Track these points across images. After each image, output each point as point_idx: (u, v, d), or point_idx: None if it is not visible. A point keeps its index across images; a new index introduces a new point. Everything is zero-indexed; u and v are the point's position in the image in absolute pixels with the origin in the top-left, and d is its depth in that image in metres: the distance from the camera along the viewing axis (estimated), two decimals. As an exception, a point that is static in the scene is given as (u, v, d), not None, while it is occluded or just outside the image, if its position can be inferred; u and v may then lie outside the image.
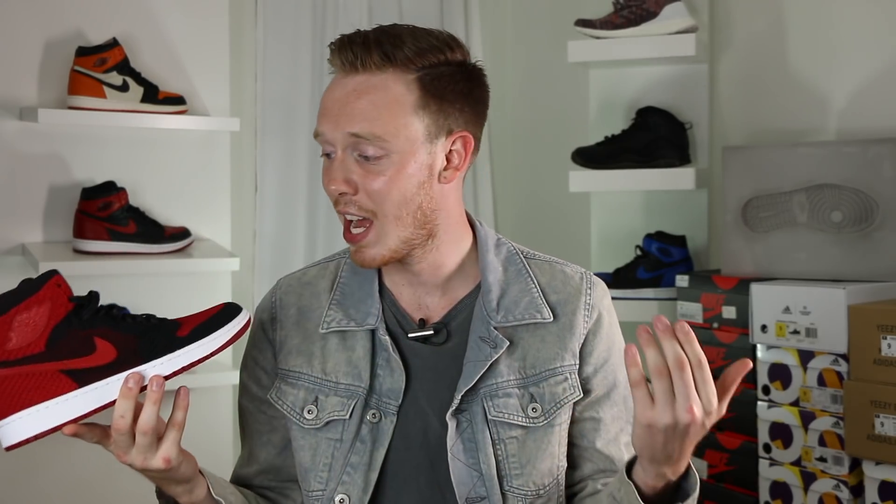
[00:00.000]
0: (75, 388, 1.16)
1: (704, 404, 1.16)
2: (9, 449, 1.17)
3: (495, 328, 1.36)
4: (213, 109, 2.77)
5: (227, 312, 1.26)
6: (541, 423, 1.36)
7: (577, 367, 1.40)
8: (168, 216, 2.71)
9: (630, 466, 1.26)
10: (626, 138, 2.77)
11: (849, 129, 2.64)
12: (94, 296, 1.21)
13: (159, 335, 1.21)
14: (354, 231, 1.33)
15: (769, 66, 2.80)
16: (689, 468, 1.26)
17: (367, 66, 1.30)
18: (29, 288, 1.16)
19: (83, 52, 2.51)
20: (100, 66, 2.51)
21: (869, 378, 2.17)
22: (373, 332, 1.38)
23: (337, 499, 1.35)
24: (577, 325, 1.40)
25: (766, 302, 2.36)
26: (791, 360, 2.32)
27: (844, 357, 2.23)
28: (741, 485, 2.46)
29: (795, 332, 2.30)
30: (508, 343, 1.36)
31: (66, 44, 2.56)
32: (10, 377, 1.14)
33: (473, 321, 1.38)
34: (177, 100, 2.62)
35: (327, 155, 1.35)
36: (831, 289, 2.27)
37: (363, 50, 1.30)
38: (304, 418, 1.38)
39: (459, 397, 1.34)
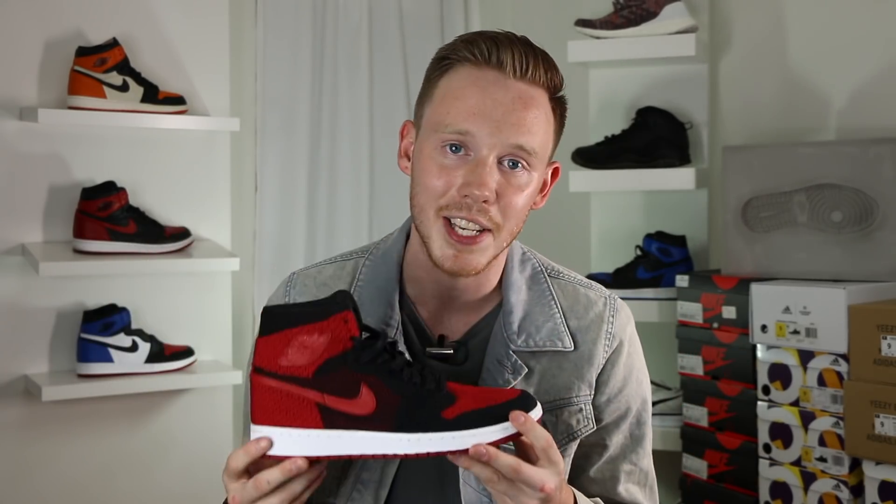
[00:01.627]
0: (320, 428, 1.13)
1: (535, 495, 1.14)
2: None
3: (514, 352, 1.32)
4: (213, 109, 2.77)
5: (518, 404, 1.14)
6: None
7: (592, 396, 1.37)
8: (168, 216, 2.71)
9: None
10: (626, 138, 2.77)
11: (849, 129, 2.64)
12: (378, 338, 1.16)
13: (425, 407, 1.13)
14: (468, 231, 1.26)
15: (769, 66, 2.80)
16: None
17: (534, 77, 1.27)
18: (318, 312, 1.14)
19: (83, 52, 2.51)
20: (100, 66, 2.51)
21: (869, 378, 2.17)
22: (391, 345, 1.31)
23: None
24: (596, 355, 1.36)
25: (766, 302, 2.36)
26: (791, 360, 2.32)
27: (844, 357, 2.23)
28: (741, 485, 2.46)
29: (795, 332, 2.30)
30: (527, 370, 1.32)
31: (66, 44, 2.56)
32: (274, 390, 1.14)
33: (492, 341, 1.33)
34: (177, 100, 2.62)
35: (454, 149, 1.26)
36: (831, 289, 2.27)
37: (534, 59, 1.27)
38: None
39: None
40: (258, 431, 1.15)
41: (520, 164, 1.26)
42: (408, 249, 1.37)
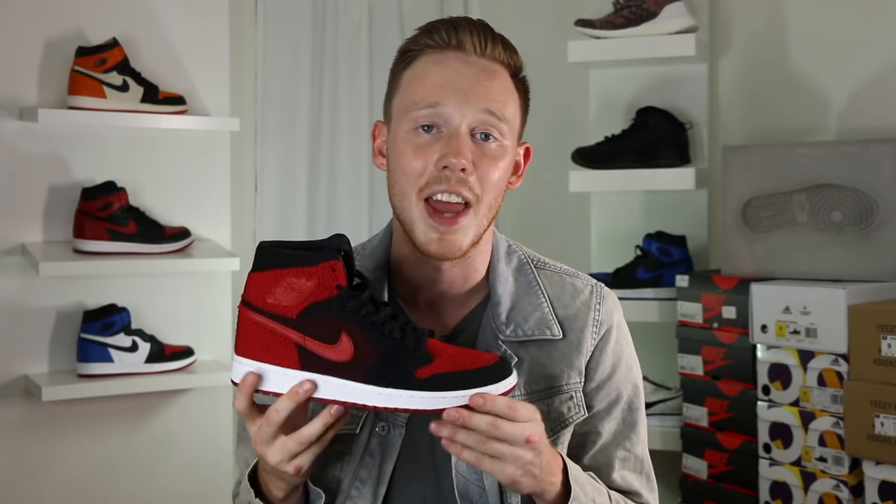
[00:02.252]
0: (297, 368, 1.16)
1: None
2: (234, 384, 1.20)
3: (503, 342, 1.33)
4: (213, 109, 2.77)
5: (493, 370, 1.16)
6: None
7: (583, 384, 1.38)
8: (168, 216, 2.71)
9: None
10: (626, 138, 2.77)
11: (849, 129, 2.64)
12: (365, 289, 1.17)
13: (400, 364, 1.15)
14: (447, 215, 1.27)
15: (769, 66, 2.80)
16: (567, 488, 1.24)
17: (493, 54, 1.31)
18: (309, 257, 1.16)
19: (83, 52, 2.51)
20: (100, 66, 2.51)
21: (869, 378, 2.17)
22: None
23: None
24: (584, 342, 1.38)
25: (766, 302, 2.36)
26: (791, 360, 2.32)
27: (844, 357, 2.23)
28: (741, 485, 2.46)
29: (795, 332, 2.30)
30: (516, 359, 1.33)
31: (66, 44, 2.56)
32: (259, 324, 1.17)
33: (481, 333, 1.35)
34: (177, 100, 2.62)
35: (426, 127, 1.28)
36: (831, 289, 2.27)
37: (492, 39, 1.31)
38: None
39: None
40: (240, 362, 1.19)
41: (492, 136, 1.28)
42: (393, 247, 1.39)
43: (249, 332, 1.19)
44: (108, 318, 2.53)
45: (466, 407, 1.13)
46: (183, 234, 2.66)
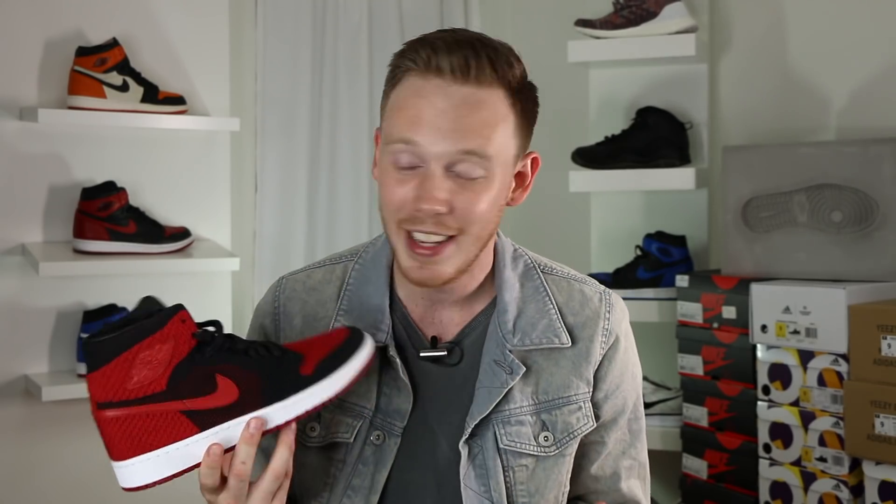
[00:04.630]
0: (196, 433, 1.12)
1: None
2: (127, 490, 1.16)
3: (511, 351, 1.31)
4: (213, 109, 2.77)
5: (350, 342, 1.19)
6: (552, 453, 1.32)
7: (591, 394, 1.35)
8: (168, 216, 2.71)
9: None
10: (626, 138, 2.77)
11: (849, 129, 2.64)
12: (217, 329, 1.16)
13: (283, 373, 1.15)
14: (428, 243, 1.24)
15: (769, 66, 2.80)
16: None
17: (478, 77, 1.21)
18: (153, 324, 1.11)
19: (83, 52, 2.51)
20: (100, 66, 2.51)
21: (869, 378, 2.17)
22: (382, 349, 1.30)
23: None
24: (593, 351, 1.35)
25: (766, 302, 2.36)
26: (791, 360, 2.32)
27: (844, 357, 2.23)
28: (741, 485, 2.46)
29: (795, 332, 2.30)
30: (524, 369, 1.31)
31: (66, 44, 2.56)
32: (132, 417, 1.11)
33: (487, 342, 1.32)
34: (177, 100, 2.62)
35: (403, 166, 1.23)
36: (831, 289, 2.27)
37: (476, 58, 1.21)
38: (307, 435, 1.32)
39: (472, 425, 1.29)
40: (130, 465, 1.13)
41: (476, 171, 1.22)
42: (393, 252, 1.36)
43: (121, 431, 1.11)
44: (109, 318, 2.53)
45: None
46: (183, 234, 2.66)
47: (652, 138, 2.74)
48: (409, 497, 1.31)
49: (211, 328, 1.15)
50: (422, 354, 1.33)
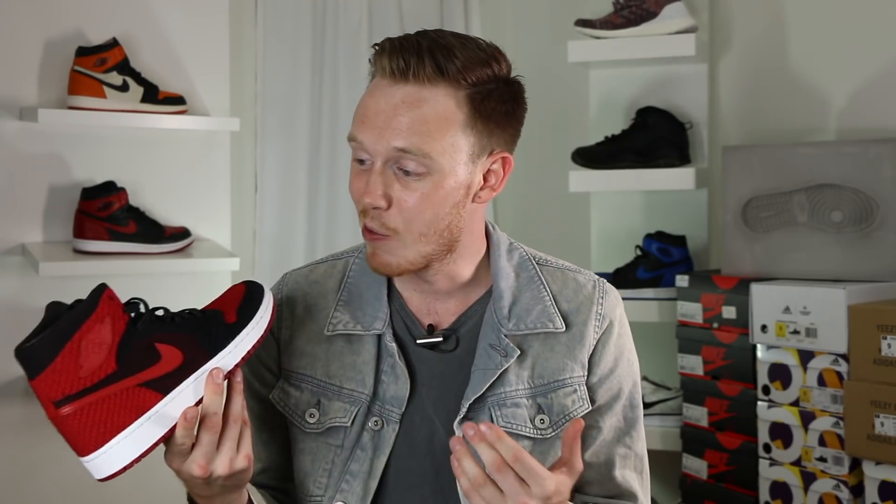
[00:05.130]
0: (161, 398, 1.13)
1: (537, 492, 1.13)
2: (106, 479, 1.16)
3: (506, 336, 1.34)
4: (213, 109, 2.77)
5: (253, 289, 1.25)
6: (549, 435, 1.35)
7: (586, 377, 1.38)
8: (168, 216, 2.71)
9: None
10: (626, 138, 2.77)
11: (849, 129, 2.64)
12: (141, 302, 1.17)
13: (212, 327, 1.19)
14: (378, 232, 1.29)
15: (769, 66, 2.80)
16: None
17: (418, 76, 1.24)
18: (86, 308, 1.11)
19: (83, 52, 2.51)
20: (100, 66, 2.51)
21: (869, 378, 2.17)
22: (379, 337, 1.36)
23: None
24: (587, 335, 1.38)
25: (766, 302, 2.36)
26: (791, 360, 2.32)
27: (844, 357, 2.23)
28: (741, 485, 2.46)
29: (795, 332, 2.30)
30: (519, 352, 1.34)
31: (66, 44, 2.56)
32: (93, 404, 1.11)
33: (483, 328, 1.35)
34: (177, 100, 2.62)
35: (360, 161, 1.29)
36: (831, 289, 2.27)
37: (416, 59, 1.24)
38: (306, 422, 1.36)
39: (467, 406, 1.32)
40: (104, 454, 1.14)
41: (412, 167, 1.25)
42: None
43: (86, 422, 1.13)
44: (108, 318, 2.53)
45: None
46: (183, 234, 2.66)
47: (652, 138, 2.74)
48: (407, 483, 1.34)
49: (135, 301, 1.18)
50: (418, 342, 1.36)
